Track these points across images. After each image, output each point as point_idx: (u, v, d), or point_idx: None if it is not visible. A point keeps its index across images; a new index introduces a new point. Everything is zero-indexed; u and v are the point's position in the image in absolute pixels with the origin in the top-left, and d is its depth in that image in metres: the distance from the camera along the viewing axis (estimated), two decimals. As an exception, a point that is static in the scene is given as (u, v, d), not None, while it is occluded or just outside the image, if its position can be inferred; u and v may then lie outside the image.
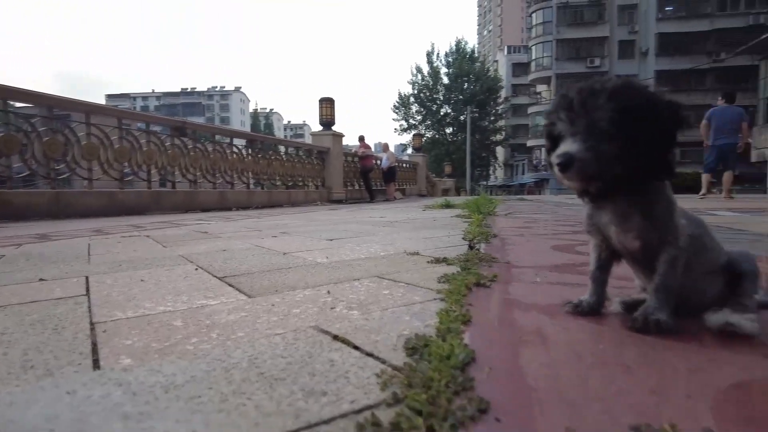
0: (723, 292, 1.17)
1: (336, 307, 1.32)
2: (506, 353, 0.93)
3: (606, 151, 0.95)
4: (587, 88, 1.00)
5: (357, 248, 2.63)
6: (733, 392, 0.76)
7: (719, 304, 1.15)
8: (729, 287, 1.17)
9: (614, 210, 1.11)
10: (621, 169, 0.97)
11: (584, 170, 0.97)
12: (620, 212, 1.10)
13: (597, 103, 0.97)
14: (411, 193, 20.12)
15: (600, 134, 0.96)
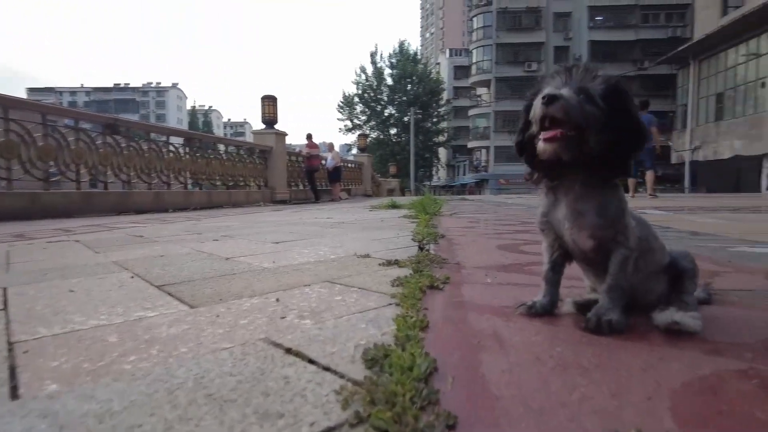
0: (667, 290, 1.22)
1: (287, 316, 1.26)
2: (467, 360, 0.91)
3: (590, 111, 1.01)
4: (590, 66, 1.07)
5: (305, 251, 2.56)
6: (686, 391, 0.77)
7: (664, 302, 1.19)
8: (671, 285, 1.22)
9: (569, 205, 1.13)
10: (594, 142, 1.02)
11: (569, 111, 1.00)
12: (575, 209, 1.12)
13: (595, 77, 1.05)
14: (356, 193, 20.09)
15: (589, 98, 1.02)
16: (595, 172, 1.07)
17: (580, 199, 1.11)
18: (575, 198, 1.12)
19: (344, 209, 7.94)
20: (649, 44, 39.27)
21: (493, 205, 8.45)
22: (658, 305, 1.20)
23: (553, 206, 1.17)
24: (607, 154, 1.03)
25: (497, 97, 43.17)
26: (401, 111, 45.75)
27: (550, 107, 1.00)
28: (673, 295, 1.19)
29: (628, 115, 1.04)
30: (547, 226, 1.20)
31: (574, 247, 1.17)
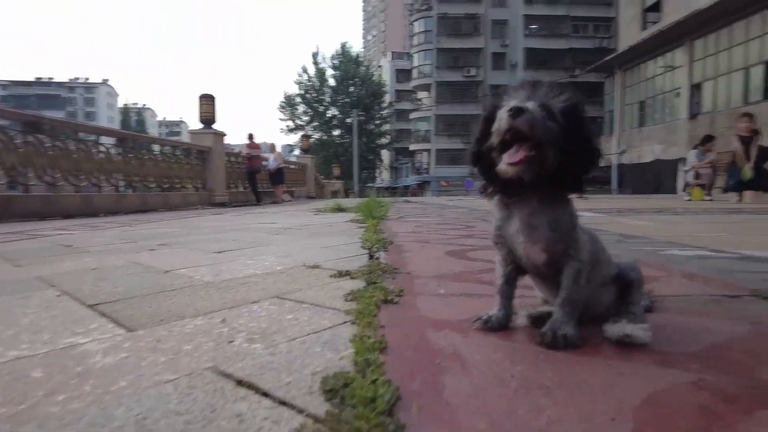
0: (615, 301, 1.25)
1: (235, 339, 1.18)
2: (430, 384, 0.88)
3: (552, 128, 1.01)
4: (553, 84, 1.08)
5: (250, 262, 2.45)
6: (646, 408, 0.78)
7: (613, 312, 1.23)
8: (619, 295, 1.25)
9: (523, 220, 1.13)
10: (553, 159, 1.03)
11: (533, 125, 1.00)
12: (528, 223, 1.12)
13: (557, 95, 1.05)
14: (300, 195, 19.80)
15: (550, 115, 1.02)
16: (551, 188, 1.08)
17: (533, 213, 1.12)
18: (529, 213, 1.13)
19: (288, 212, 7.78)
20: (580, 53, 41.46)
21: (436, 208, 8.56)
22: (607, 315, 1.23)
23: (507, 220, 1.17)
24: (564, 171, 1.04)
25: (438, 101, 44.03)
26: (344, 112, 45.67)
27: (517, 120, 0.99)
28: (622, 306, 1.23)
29: (585, 134, 1.06)
30: (500, 239, 1.20)
31: (527, 261, 1.18)
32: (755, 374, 0.93)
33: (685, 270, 2.05)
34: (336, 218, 5.85)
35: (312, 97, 45.72)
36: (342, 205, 8.03)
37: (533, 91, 1.06)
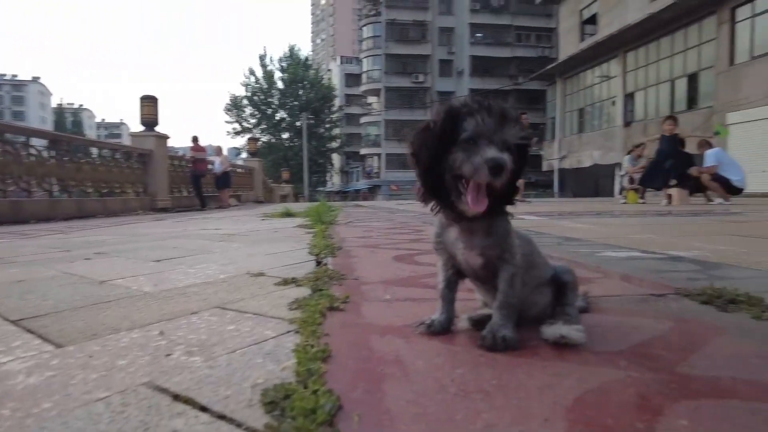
0: (551, 302, 1.31)
1: (173, 353, 1.14)
2: (371, 393, 0.88)
3: (512, 167, 1.05)
4: (505, 110, 1.08)
5: (191, 270, 2.37)
6: (578, 408, 0.82)
7: (550, 315, 1.28)
8: (555, 297, 1.31)
9: (462, 227, 1.16)
10: (507, 185, 1.08)
11: (506, 178, 1.03)
12: (468, 229, 1.16)
13: (511, 125, 1.07)
14: (247, 199, 19.37)
15: (509, 151, 1.05)
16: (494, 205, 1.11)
17: (472, 221, 1.15)
18: (468, 221, 1.16)
19: (234, 218, 7.59)
20: (523, 61, 43.01)
21: (386, 212, 8.61)
22: (543, 317, 1.29)
23: (447, 227, 1.20)
24: (505, 190, 1.10)
25: (387, 106, 44.38)
26: (293, 115, 45.18)
27: (497, 179, 1.02)
28: (558, 308, 1.28)
29: (527, 158, 1.13)
30: (441, 246, 1.23)
31: (467, 266, 1.21)
32: (676, 369, 1.00)
33: (618, 271, 2.17)
34: (284, 224, 5.76)
35: (260, 99, 44.95)
36: (291, 210, 7.92)
37: (500, 124, 1.05)
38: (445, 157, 1.08)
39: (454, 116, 1.08)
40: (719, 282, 1.76)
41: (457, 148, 1.06)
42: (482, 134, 1.05)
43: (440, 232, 1.23)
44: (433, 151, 1.09)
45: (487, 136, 1.05)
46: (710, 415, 0.80)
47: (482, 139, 1.04)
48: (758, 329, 1.27)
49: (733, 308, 1.45)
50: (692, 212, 6.94)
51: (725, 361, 1.04)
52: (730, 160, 9.58)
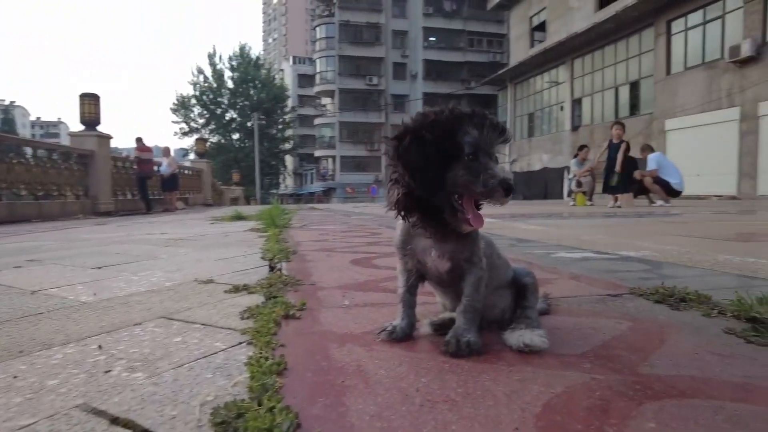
0: (512, 304, 1.29)
1: (112, 369, 1.04)
2: (332, 407, 0.83)
3: None
4: (500, 123, 1.07)
5: (135, 278, 2.23)
6: (546, 414, 0.79)
7: (510, 317, 1.26)
8: (515, 299, 1.30)
9: (436, 233, 1.12)
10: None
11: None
12: (441, 237, 1.12)
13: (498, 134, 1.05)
14: (195, 202, 18.74)
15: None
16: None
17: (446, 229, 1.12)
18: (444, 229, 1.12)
19: (181, 221, 7.30)
20: (475, 66, 43.88)
21: (342, 215, 8.53)
22: (504, 319, 1.27)
23: (414, 234, 1.15)
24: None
25: (341, 108, 44.20)
26: (244, 116, 44.19)
27: (509, 196, 1.01)
28: (519, 311, 1.26)
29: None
30: (408, 252, 1.18)
31: (434, 271, 1.17)
32: (638, 369, 0.99)
33: (574, 272, 2.20)
34: (235, 227, 5.58)
35: (209, 99, 43.68)
36: (242, 213, 7.70)
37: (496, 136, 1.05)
38: (441, 172, 1.02)
39: (450, 128, 1.02)
40: (668, 281, 1.80)
41: (459, 163, 1.01)
42: (482, 148, 1.02)
43: (407, 239, 1.18)
44: (432, 165, 1.01)
45: (486, 150, 1.03)
46: (675, 416, 0.79)
47: (482, 154, 1.02)
48: (710, 326, 1.30)
49: (684, 306, 1.49)
50: (637, 214, 7.25)
51: (683, 359, 1.05)
52: (670, 164, 10.08)
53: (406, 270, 1.23)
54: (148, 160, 13.33)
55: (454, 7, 45.38)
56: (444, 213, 1.05)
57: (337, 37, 43.57)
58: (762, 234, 3.88)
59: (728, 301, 1.43)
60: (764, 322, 1.28)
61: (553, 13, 23.77)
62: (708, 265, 2.35)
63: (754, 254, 2.65)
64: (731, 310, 1.38)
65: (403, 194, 1.05)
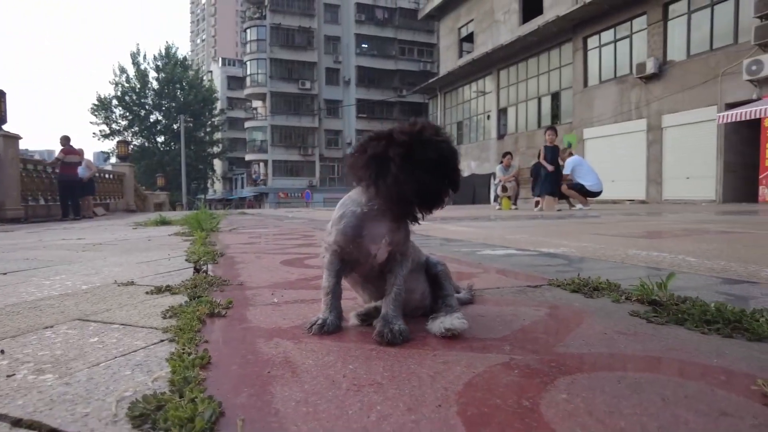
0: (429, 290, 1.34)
1: (17, 372, 0.96)
2: (257, 396, 0.82)
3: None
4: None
5: (47, 282, 2.07)
6: (468, 392, 0.83)
7: (431, 306, 1.31)
8: (432, 288, 1.34)
9: (388, 225, 1.16)
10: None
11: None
12: (395, 227, 1.17)
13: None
14: (117, 208, 17.64)
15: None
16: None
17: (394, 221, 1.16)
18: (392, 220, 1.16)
19: (101, 227, 6.85)
20: (406, 75, 44.69)
21: (274, 219, 8.37)
22: (423, 305, 1.32)
23: (366, 222, 1.16)
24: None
25: (273, 112, 43.40)
26: (170, 118, 42.28)
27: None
28: (439, 301, 1.31)
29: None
30: (353, 240, 1.17)
31: (373, 261, 1.18)
32: (554, 350, 1.06)
33: (497, 266, 2.30)
34: (158, 232, 5.32)
35: (132, 100, 41.40)
36: (166, 218, 7.36)
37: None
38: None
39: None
40: (584, 273, 1.94)
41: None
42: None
43: (361, 225, 1.17)
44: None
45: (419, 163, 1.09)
46: (584, 387, 0.85)
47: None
48: (618, 310, 1.41)
49: (597, 294, 1.60)
50: (558, 216, 7.68)
51: (593, 339, 1.14)
52: (586, 166, 10.74)
53: (337, 261, 1.22)
54: (73, 163, 12.13)
55: (386, 16, 46.02)
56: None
57: (268, 40, 42.78)
58: (665, 232, 4.24)
59: (634, 287, 1.56)
60: (662, 304, 1.41)
61: (480, 25, 24.74)
62: (619, 258, 2.54)
63: (657, 249, 2.90)
64: (636, 296, 1.50)
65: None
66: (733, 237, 3.64)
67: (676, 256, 2.57)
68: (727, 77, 13.67)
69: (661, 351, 1.05)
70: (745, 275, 1.98)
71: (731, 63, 13.55)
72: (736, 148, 13.97)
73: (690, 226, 4.84)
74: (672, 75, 15.37)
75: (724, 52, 13.89)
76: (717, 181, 14.15)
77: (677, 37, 15.46)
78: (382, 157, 1.08)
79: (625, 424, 0.71)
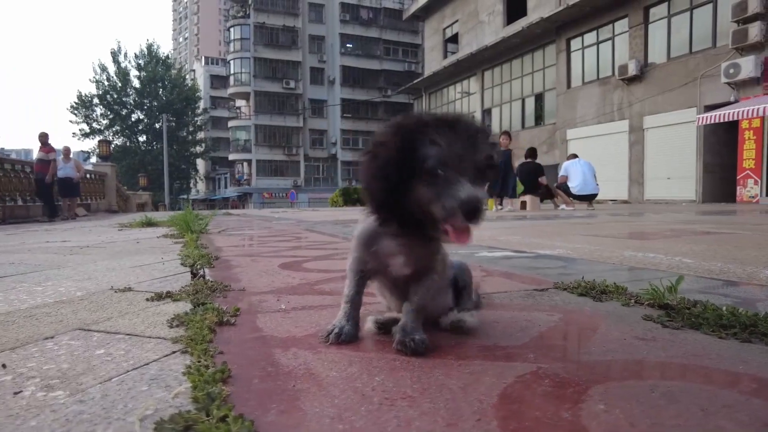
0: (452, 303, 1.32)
1: (23, 389, 0.91)
2: (288, 413, 0.78)
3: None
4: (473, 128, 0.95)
5: (38, 288, 2.00)
6: (503, 403, 0.81)
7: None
8: (454, 297, 1.33)
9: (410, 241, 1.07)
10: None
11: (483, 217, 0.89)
12: (417, 242, 1.07)
13: (481, 144, 0.94)
14: (98, 208, 17.30)
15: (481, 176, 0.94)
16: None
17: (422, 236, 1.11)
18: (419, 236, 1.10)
19: (84, 229, 6.69)
20: (391, 75, 44.73)
21: (261, 220, 8.28)
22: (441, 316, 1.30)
23: (380, 237, 1.10)
24: None
25: (257, 111, 43.04)
26: (152, 117, 41.71)
27: (475, 223, 0.89)
28: (457, 306, 1.30)
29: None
30: (371, 255, 1.13)
31: (396, 274, 1.14)
32: (579, 357, 1.05)
33: (499, 269, 2.29)
34: (145, 234, 5.22)
35: (113, 98, 40.70)
36: (152, 218, 7.23)
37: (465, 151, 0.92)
38: (407, 188, 0.92)
39: (409, 140, 0.93)
40: (586, 276, 1.93)
41: (419, 181, 0.91)
42: (448, 162, 0.90)
43: (372, 239, 1.10)
44: (387, 185, 0.93)
45: (454, 163, 0.90)
46: (619, 396, 0.84)
47: (448, 169, 0.90)
48: (630, 315, 1.40)
49: (605, 298, 1.60)
50: (544, 216, 7.74)
51: (615, 345, 1.13)
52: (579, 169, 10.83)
53: (359, 269, 1.18)
54: (49, 161, 11.79)
55: (371, 16, 46.00)
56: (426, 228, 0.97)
57: (252, 39, 42.43)
58: (654, 233, 4.30)
59: (642, 290, 1.56)
60: (674, 308, 1.41)
61: (465, 26, 24.86)
62: (617, 260, 2.56)
63: (651, 250, 2.92)
64: (647, 299, 1.50)
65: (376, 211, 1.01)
66: (721, 238, 3.69)
67: (672, 258, 2.59)
68: (706, 80, 13.96)
69: (684, 357, 1.04)
70: (745, 277, 2.00)
71: (710, 66, 13.84)
72: (714, 149, 14.28)
73: (676, 226, 4.92)
74: (653, 77, 15.63)
75: (703, 55, 14.18)
76: (697, 181, 14.44)
77: (658, 40, 15.74)
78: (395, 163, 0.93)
79: (671, 438, 0.69)
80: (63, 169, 12.01)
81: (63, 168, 12.01)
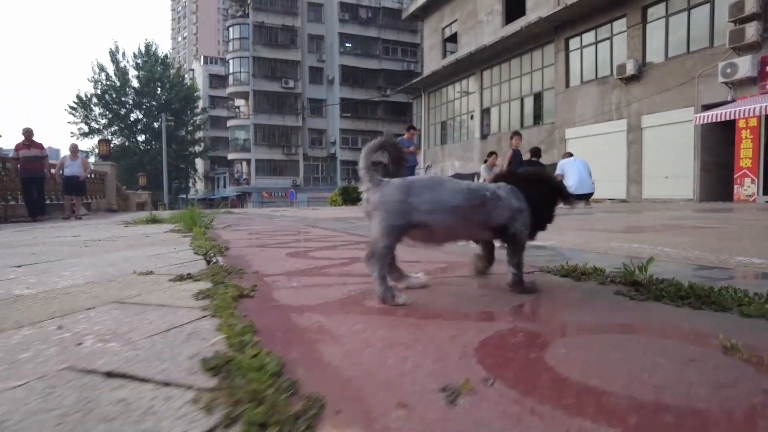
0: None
1: (83, 342, 1.09)
2: (308, 353, 0.96)
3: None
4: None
5: (66, 273, 2.17)
6: (483, 348, 0.99)
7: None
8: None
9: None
10: None
11: None
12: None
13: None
14: (98, 208, 17.46)
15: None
16: None
17: None
18: None
19: (90, 226, 6.87)
20: (390, 74, 44.86)
21: (264, 218, 8.45)
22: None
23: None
24: None
25: (256, 110, 43.18)
26: (151, 116, 41.85)
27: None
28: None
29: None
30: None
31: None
32: (551, 320, 1.23)
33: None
34: (152, 229, 5.39)
35: (111, 98, 40.85)
36: (157, 216, 7.40)
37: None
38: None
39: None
40: (572, 262, 2.11)
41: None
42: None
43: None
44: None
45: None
46: (579, 345, 1.01)
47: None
48: (604, 291, 1.58)
49: (584, 278, 1.78)
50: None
51: (584, 312, 1.30)
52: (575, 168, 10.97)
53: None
54: (36, 157, 11.47)
55: (370, 15, 46.13)
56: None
57: (251, 39, 42.55)
58: (644, 228, 4.47)
59: (618, 270, 1.73)
60: (643, 284, 1.58)
61: (464, 25, 25.04)
62: (603, 250, 2.74)
63: (637, 241, 3.10)
64: (619, 278, 1.68)
65: None
66: (706, 231, 3.87)
67: (655, 247, 2.77)
68: (704, 79, 14.13)
69: (641, 320, 1.22)
70: (717, 263, 2.18)
71: (707, 65, 14.01)
72: (712, 148, 14.45)
73: (668, 222, 5.10)
74: (651, 76, 15.81)
75: (700, 55, 14.35)
76: (694, 180, 14.61)
77: (656, 40, 15.91)
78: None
79: (614, 367, 0.87)
80: (70, 167, 11.97)
81: (70, 166, 11.97)
